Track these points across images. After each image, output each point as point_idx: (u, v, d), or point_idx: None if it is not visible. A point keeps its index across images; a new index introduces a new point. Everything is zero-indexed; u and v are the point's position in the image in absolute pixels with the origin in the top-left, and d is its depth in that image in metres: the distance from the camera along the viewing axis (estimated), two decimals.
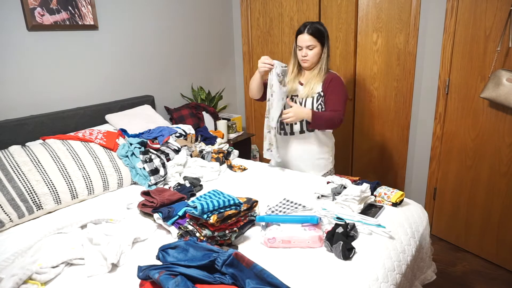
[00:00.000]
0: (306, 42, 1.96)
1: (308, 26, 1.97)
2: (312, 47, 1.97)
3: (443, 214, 2.58)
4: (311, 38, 1.95)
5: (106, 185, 1.95)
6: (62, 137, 1.99)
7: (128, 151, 2.08)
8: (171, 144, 2.23)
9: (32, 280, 1.19)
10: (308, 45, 1.96)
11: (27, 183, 1.70)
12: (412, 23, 2.50)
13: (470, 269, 2.29)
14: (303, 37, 1.96)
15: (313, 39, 1.95)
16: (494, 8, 2.04)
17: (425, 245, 1.64)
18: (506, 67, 2.02)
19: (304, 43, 1.97)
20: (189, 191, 1.81)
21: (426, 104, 2.56)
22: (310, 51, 1.98)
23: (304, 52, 1.99)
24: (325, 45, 2.00)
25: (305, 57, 1.99)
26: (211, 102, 3.15)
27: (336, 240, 1.31)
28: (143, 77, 2.76)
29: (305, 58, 2.00)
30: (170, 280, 1.01)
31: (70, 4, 2.22)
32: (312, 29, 1.95)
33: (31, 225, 1.65)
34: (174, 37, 2.95)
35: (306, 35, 1.95)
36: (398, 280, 1.30)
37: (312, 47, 1.97)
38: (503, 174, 2.16)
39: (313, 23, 1.98)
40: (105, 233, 1.43)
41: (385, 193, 1.72)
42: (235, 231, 1.41)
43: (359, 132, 3.00)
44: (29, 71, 2.11)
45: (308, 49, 1.98)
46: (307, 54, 1.99)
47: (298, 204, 1.70)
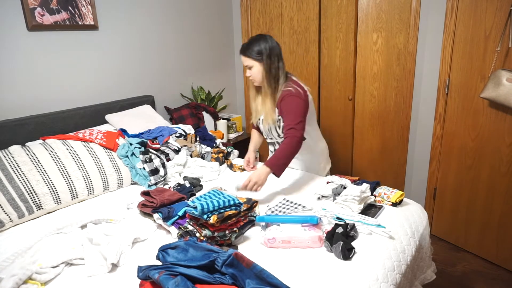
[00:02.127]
0: (243, 62, 1.89)
1: (244, 45, 1.88)
2: (250, 66, 1.88)
3: (443, 214, 2.58)
4: (245, 58, 1.87)
5: (106, 185, 1.95)
6: (62, 137, 1.99)
7: (128, 151, 2.08)
8: (171, 144, 2.23)
9: (32, 280, 1.19)
10: (246, 65, 1.89)
11: (27, 183, 1.70)
12: (412, 23, 2.50)
13: (470, 269, 2.29)
14: (241, 58, 1.90)
15: (247, 59, 1.86)
16: (494, 8, 2.04)
17: (425, 245, 1.64)
18: (506, 67, 2.02)
19: (243, 62, 1.91)
20: (189, 191, 1.81)
21: (426, 104, 2.56)
22: (251, 71, 1.89)
23: (248, 72, 1.92)
24: (265, 61, 1.84)
25: (249, 77, 1.93)
26: (211, 102, 3.15)
27: (336, 240, 1.31)
28: (143, 77, 2.76)
29: (250, 78, 1.93)
30: (170, 280, 1.01)
31: (70, 4, 2.22)
32: (246, 48, 1.86)
33: (31, 225, 1.65)
34: (174, 37, 2.95)
35: (241, 56, 1.89)
36: (398, 280, 1.30)
37: (249, 66, 1.88)
38: (503, 174, 2.16)
39: (250, 40, 1.88)
40: (105, 233, 1.43)
41: (384, 193, 1.72)
42: (235, 231, 1.41)
43: (359, 132, 3.00)
44: (29, 71, 2.11)
45: (248, 69, 1.90)
46: (250, 75, 1.91)
47: (298, 204, 1.70)
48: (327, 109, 3.13)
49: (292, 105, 1.85)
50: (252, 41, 1.87)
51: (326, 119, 3.17)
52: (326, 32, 2.94)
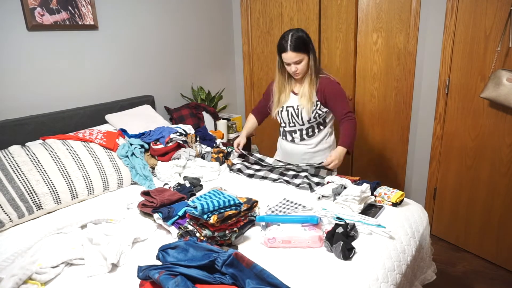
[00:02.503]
0: (293, 58, 1.90)
1: (289, 42, 1.88)
2: (299, 61, 1.91)
3: (443, 214, 2.57)
4: (296, 54, 1.88)
5: (106, 185, 1.95)
6: (62, 137, 1.99)
7: (128, 151, 2.08)
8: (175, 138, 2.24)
9: (32, 280, 1.19)
10: (295, 61, 1.91)
11: (27, 183, 1.70)
12: (412, 23, 2.50)
13: (470, 269, 2.29)
14: (288, 55, 1.90)
15: (298, 54, 1.89)
16: (494, 8, 2.04)
17: (425, 245, 1.64)
18: (506, 67, 2.02)
19: (290, 60, 1.91)
20: (189, 191, 1.81)
21: (426, 104, 2.56)
22: (299, 65, 1.93)
23: (293, 68, 1.94)
24: (311, 52, 1.93)
25: (295, 71, 1.95)
26: (211, 102, 3.15)
27: (336, 240, 1.31)
28: (143, 77, 2.76)
29: (296, 72, 1.96)
30: (170, 280, 1.01)
31: (70, 4, 2.22)
32: (294, 44, 1.87)
33: (31, 225, 1.65)
34: (174, 37, 2.95)
35: (290, 53, 1.89)
36: (398, 280, 1.30)
37: (299, 61, 1.91)
38: (503, 174, 2.16)
39: (293, 36, 1.88)
40: (105, 233, 1.43)
41: (385, 193, 1.72)
42: (235, 231, 1.41)
43: (359, 132, 2.99)
44: (29, 71, 2.11)
45: (296, 64, 1.92)
46: (297, 69, 1.94)
47: (298, 204, 1.70)
48: None
49: (340, 92, 2.00)
50: (296, 36, 1.88)
51: None
52: (326, 32, 2.94)
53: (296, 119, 2.09)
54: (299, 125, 2.12)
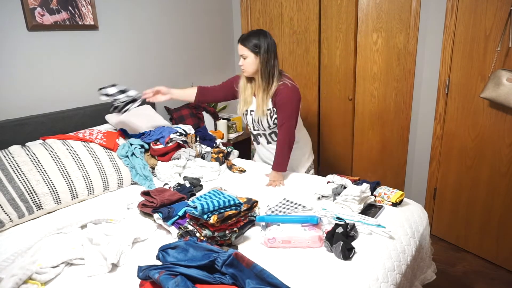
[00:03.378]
0: (240, 50, 1.97)
1: (244, 35, 1.97)
2: (245, 56, 1.95)
3: (443, 214, 2.58)
4: (241, 47, 1.95)
5: (106, 185, 1.95)
6: (62, 137, 1.99)
7: (128, 151, 2.08)
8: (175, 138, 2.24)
9: (32, 280, 1.19)
10: (241, 54, 1.97)
11: (27, 183, 1.70)
12: (412, 23, 2.50)
13: (470, 269, 2.29)
14: (239, 46, 1.98)
15: (243, 48, 1.94)
16: (494, 8, 2.04)
17: (425, 245, 1.64)
18: (506, 67, 2.02)
19: (239, 51, 1.98)
20: (189, 191, 1.81)
21: (426, 104, 2.56)
22: (245, 60, 1.97)
23: (240, 61, 1.99)
24: (261, 54, 1.92)
25: (240, 65, 2.00)
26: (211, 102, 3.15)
27: (336, 240, 1.31)
28: (143, 77, 2.76)
29: (242, 67, 2.00)
30: (170, 280, 1.01)
31: (70, 4, 2.22)
32: (244, 38, 1.95)
33: (31, 225, 1.65)
34: (174, 37, 2.95)
35: (239, 44, 1.97)
36: (398, 280, 1.30)
37: (245, 56, 1.95)
38: (503, 174, 2.16)
39: (251, 32, 1.96)
40: (105, 233, 1.43)
41: (385, 193, 1.72)
42: (235, 231, 1.41)
43: (359, 132, 3.00)
44: (29, 71, 2.11)
45: (242, 58, 1.97)
46: (242, 63, 1.98)
47: (298, 204, 1.70)
48: (327, 109, 3.13)
49: (288, 101, 1.97)
50: (252, 33, 1.95)
51: (326, 119, 3.17)
52: (326, 32, 2.94)
53: (258, 124, 2.11)
54: (262, 130, 2.15)
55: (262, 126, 2.10)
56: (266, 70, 1.95)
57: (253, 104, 2.10)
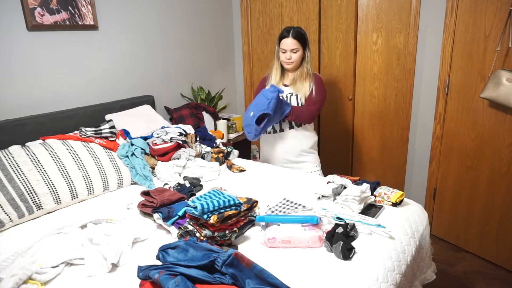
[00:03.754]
0: (290, 45, 2.10)
1: (291, 30, 2.10)
2: (296, 50, 2.11)
3: (443, 214, 2.58)
4: (295, 42, 2.09)
5: (106, 185, 1.95)
6: (62, 137, 1.99)
7: (129, 151, 2.08)
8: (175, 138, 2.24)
9: (32, 280, 1.19)
10: (292, 49, 2.10)
11: (27, 183, 1.70)
12: (412, 23, 2.50)
13: (470, 269, 2.29)
14: (287, 41, 2.10)
15: (297, 43, 2.09)
16: (494, 8, 2.04)
17: (425, 245, 1.64)
18: (506, 67, 2.02)
19: (288, 46, 2.11)
20: (189, 191, 1.81)
21: (426, 104, 2.56)
22: (294, 54, 2.12)
23: (288, 55, 2.12)
24: (307, 48, 2.15)
25: (289, 59, 2.13)
26: (211, 102, 3.15)
27: (336, 240, 1.31)
28: (143, 77, 2.76)
29: (289, 60, 2.14)
30: (170, 280, 1.01)
31: (70, 4, 2.22)
32: (296, 33, 2.09)
33: (31, 225, 1.65)
34: (174, 37, 2.95)
35: (290, 39, 2.09)
36: (398, 280, 1.30)
37: (296, 50, 2.11)
38: (503, 174, 2.16)
39: (295, 28, 2.12)
40: (105, 233, 1.43)
41: (385, 193, 1.72)
42: (235, 231, 1.41)
43: (359, 132, 3.00)
44: (29, 71, 2.11)
45: (292, 52, 2.11)
46: (291, 57, 2.12)
47: (298, 204, 1.70)
48: (327, 109, 3.13)
49: (322, 88, 2.20)
50: (298, 29, 2.12)
51: (326, 119, 3.17)
52: (326, 32, 2.94)
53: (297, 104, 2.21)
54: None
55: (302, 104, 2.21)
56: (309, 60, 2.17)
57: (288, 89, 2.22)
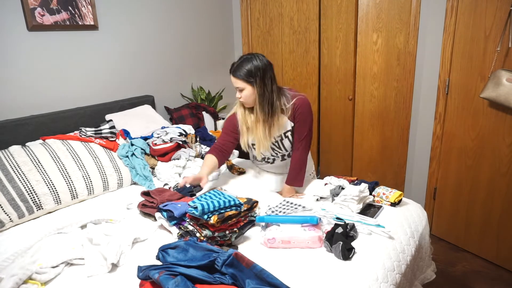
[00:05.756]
0: (234, 83, 1.78)
1: (233, 65, 1.77)
2: (241, 89, 1.76)
3: (443, 214, 2.57)
4: (235, 80, 1.76)
5: (106, 185, 1.95)
6: (62, 137, 1.99)
7: (129, 151, 2.08)
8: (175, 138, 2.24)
9: (32, 280, 1.20)
10: (236, 87, 1.78)
11: (27, 183, 1.70)
12: (412, 23, 2.50)
13: (470, 269, 2.29)
14: (232, 79, 1.78)
15: (238, 80, 1.75)
16: (494, 8, 2.04)
17: (424, 245, 1.64)
18: (506, 67, 2.02)
19: (233, 84, 1.79)
20: (189, 191, 1.81)
21: (426, 104, 2.56)
22: (242, 93, 1.77)
23: (238, 94, 1.79)
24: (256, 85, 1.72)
25: (239, 98, 1.80)
26: (211, 102, 3.15)
27: (335, 240, 1.31)
28: (143, 77, 2.76)
29: (241, 100, 1.81)
30: (170, 280, 1.01)
31: (70, 4, 2.22)
32: (235, 69, 1.75)
33: (31, 225, 1.65)
34: (174, 37, 2.95)
35: (232, 77, 1.77)
36: (398, 280, 1.30)
37: (240, 89, 1.76)
38: (503, 174, 2.16)
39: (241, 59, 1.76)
40: (105, 233, 1.43)
41: (383, 193, 1.72)
42: (235, 232, 1.41)
43: (359, 132, 2.99)
44: (29, 71, 2.11)
45: (239, 91, 1.78)
46: (240, 96, 1.79)
47: (298, 204, 1.70)
48: (327, 109, 3.13)
49: (308, 115, 1.83)
50: (243, 60, 1.74)
51: (326, 119, 3.17)
52: (326, 32, 2.94)
53: (278, 150, 1.92)
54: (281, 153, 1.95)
55: (284, 149, 1.91)
56: (265, 99, 1.74)
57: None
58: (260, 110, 1.77)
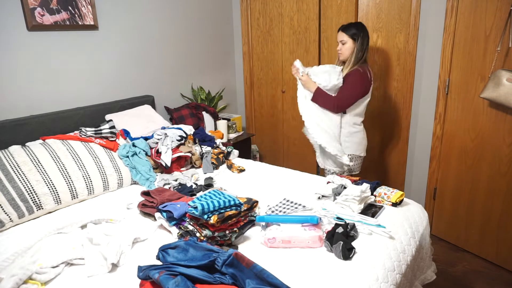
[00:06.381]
0: (339, 37, 2.21)
1: (344, 25, 2.22)
2: (344, 42, 2.19)
3: (443, 214, 2.57)
4: (342, 34, 2.19)
5: (106, 185, 1.95)
6: (62, 137, 1.99)
7: (129, 151, 2.08)
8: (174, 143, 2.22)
9: (32, 280, 1.20)
10: (340, 40, 2.20)
11: (27, 183, 1.70)
12: (412, 23, 2.50)
13: (470, 269, 2.29)
14: (338, 33, 2.23)
15: (344, 35, 2.18)
16: (494, 8, 2.04)
17: (425, 245, 1.64)
18: (506, 67, 2.02)
19: (338, 38, 2.23)
20: (189, 191, 1.81)
21: (426, 104, 2.56)
22: (343, 46, 2.20)
23: (338, 46, 2.23)
24: (357, 41, 2.16)
25: (338, 50, 2.24)
26: (211, 102, 3.15)
27: (336, 240, 1.31)
28: (143, 77, 2.76)
29: (339, 51, 2.24)
30: (170, 280, 1.01)
31: (70, 4, 2.22)
32: (345, 27, 2.20)
33: (31, 225, 1.65)
34: (174, 37, 2.95)
35: (340, 32, 2.21)
36: (398, 280, 1.30)
37: (343, 42, 2.19)
38: (503, 174, 2.16)
39: (352, 23, 2.21)
40: (105, 233, 1.43)
41: (385, 193, 1.72)
42: (235, 231, 1.41)
43: None
44: (29, 71, 2.11)
45: (341, 43, 2.21)
46: (340, 48, 2.22)
47: (298, 204, 1.70)
48: None
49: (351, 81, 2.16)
50: (352, 23, 2.21)
51: None
52: (326, 32, 2.94)
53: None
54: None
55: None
56: (358, 55, 2.18)
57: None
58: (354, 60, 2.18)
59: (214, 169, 2.23)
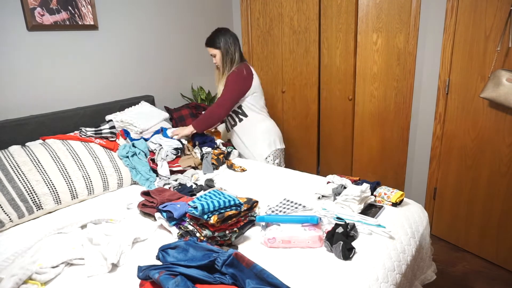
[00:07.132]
0: (209, 52, 2.34)
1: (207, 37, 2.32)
2: (213, 54, 2.32)
3: (443, 214, 2.57)
4: (209, 49, 2.32)
5: (106, 185, 1.95)
6: (62, 137, 1.99)
7: (129, 151, 2.08)
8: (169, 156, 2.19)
9: (32, 280, 1.20)
10: (210, 54, 2.34)
11: (27, 183, 1.70)
12: (412, 23, 2.50)
13: (470, 269, 2.29)
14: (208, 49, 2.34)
15: (210, 49, 2.31)
16: (494, 8, 2.04)
17: (425, 245, 1.64)
18: (506, 67, 2.02)
19: (209, 53, 2.34)
20: (189, 191, 1.81)
21: (426, 104, 2.56)
22: (214, 58, 2.33)
23: (213, 60, 2.35)
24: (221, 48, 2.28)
25: (215, 63, 2.36)
26: (211, 102, 3.15)
27: (336, 240, 1.31)
28: (143, 77, 2.76)
29: (215, 63, 2.36)
30: (170, 280, 1.01)
31: (70, 4, 2.22)
32: (207, 40, 2.32)
33: (31, 225, 1.65)
34: (174, 37, 2.95)
35: (207, 48, 2.33)
36: (398, 280, 1.30)
37: (213, 55, 2.32)
38: (503, 174, 2.16)
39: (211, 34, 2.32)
40: (105, 233, 1.43)
41: (385, 193, 1.72)
42: (235, 231, 1.41)
43: (359, 132, 2.99)
44: (29, 71, 2.11)
45: (213, 57, 2.34)
46: (215, 61, 2.34)
47: (298, 204, 1.70)
48: (327, 109, 3.13)
49: (229, 82, 2.27)
50: (212, 34, 2.32)
51: (326, 119, 3.17)
52: (326, 32, 2.94)
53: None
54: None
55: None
56: (228, 59, 2.29)
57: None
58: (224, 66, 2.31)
59: (214, 169, 2.23)
